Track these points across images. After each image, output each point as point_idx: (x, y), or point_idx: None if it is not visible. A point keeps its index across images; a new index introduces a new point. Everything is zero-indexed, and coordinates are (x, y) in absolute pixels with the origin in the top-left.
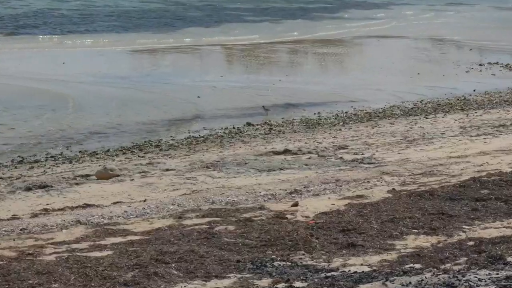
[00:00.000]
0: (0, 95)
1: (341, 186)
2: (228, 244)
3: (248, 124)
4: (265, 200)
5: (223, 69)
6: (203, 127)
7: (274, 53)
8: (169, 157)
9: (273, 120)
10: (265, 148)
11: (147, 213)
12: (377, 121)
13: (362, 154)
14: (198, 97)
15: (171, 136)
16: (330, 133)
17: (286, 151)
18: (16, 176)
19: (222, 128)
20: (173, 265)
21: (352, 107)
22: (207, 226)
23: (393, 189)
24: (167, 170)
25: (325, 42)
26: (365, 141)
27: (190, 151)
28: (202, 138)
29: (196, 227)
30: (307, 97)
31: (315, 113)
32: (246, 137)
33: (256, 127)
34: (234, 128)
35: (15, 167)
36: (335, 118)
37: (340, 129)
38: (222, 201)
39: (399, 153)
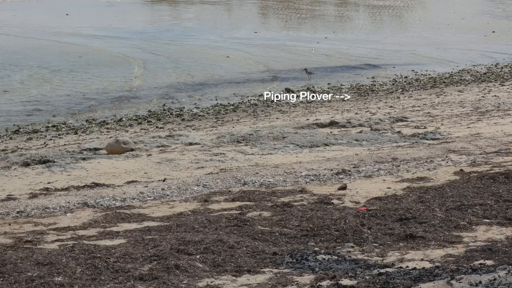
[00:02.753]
0: None
1: (398, 166)
2: (263, 234)
3: (287, 90)
4: (306, 182)
5: (258, 24)
6: (233, 93)
7: (318, 5)
8: (193, 129)
9: (317, 86)
10: (307, 119)
11: (167, 195)
12: (443, 88)
13: (425, 128)
14: (227, 57)
15: (195, 104)
16: (386, 102)
17: (332, 124)
18: (11, 149)
19: (255, 94)
20: (198, 256)
21: (413, 70)
22: (238, 212)
23: (461, 170)
24: (190, 144)
25: None
26: (428, 112)
27: (218, 121)
28: (232, 107)
29: (225, 212)
30: (358, 58)
31: (368, 78)
32: (284, 106)
33: (297, 94)
34: (270, 94)
35: (10, 138)
36: (392, 84)
37: (398, 98)
38: (255, 182)
39: (468, 127)
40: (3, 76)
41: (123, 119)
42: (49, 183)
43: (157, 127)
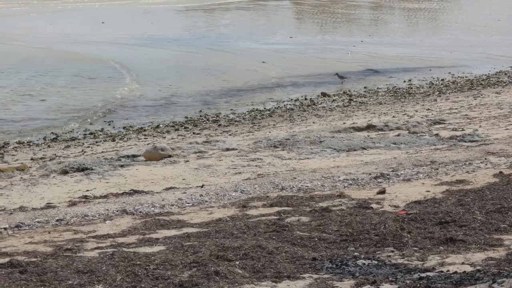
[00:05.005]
0: (28, 60)
1: (437, 169)
2: (302, 239)
3: (323, 94)
4: (344, 186)
5: (293, 29)
6: (269, 98)
7: (353, 8)
8: (230, 134)
9: (353, 90)
10: (344, 123)
11: (205, 201)
12: (480, 90)
13: (462, 130)
14: (263, 62)
15: (231, 109)
16: (423, 105)
17: (369, 127)
18: (49, 157)
19: (291, 99)
20: (237, 263)
21: (449, 73)
22: (276, 217)
23: (501, 172)
24: (227, 149)
25: None
26: (465, 115)
27: (254, 127)
28: (268, 112)
29: (263, 218)
30: (394, 61)
31: (404, 81)
32: (320, 110)
33: (333, 98)
34: (306, 99)
35: (48, 146)
36: (429, 87)
37: (435, 100)
38: (293, 187)
39: (507, 129)
40: (40, 85)
41: (160, 125)
42: (87, 190)
43: (194, 133)
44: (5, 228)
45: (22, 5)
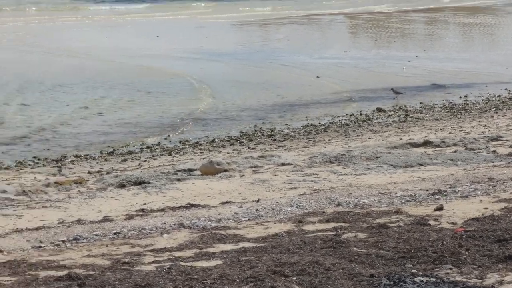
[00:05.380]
0: (81, 75)
1: (495, 186)
2: (359, 255)
3: (379, 109)
4: (402, 203)
5: (347, 43)
6: (324, 114)
7: (408, 23)
8: (285, 149)
9: (409, 105)
10: (400, 139)
11: (261, 216)
12: None
13: None
14: (317, 77)
15: (286, 124)
16: (479, 122)
17: (426, 143)
18: (106, 170)
19: (346, 114)
20: (294, 278)
21: (506, 89)
22: (333, 233)
23: None
24: (282, 164)
25: (471, 10)
26: None
27: (309, 142)
28: (323, 127)
29: (320, 233)
30: (450, 77)
31: (460, 97)
32: (376, 126)
33: (388, 114)
34: (361, 114)
35: (105, 160)
36: (486, 103)
37: (491, 116)
38: (349, 202)
39: None
40: (96, 98)
41: (216, 140)
42: (145, 204)
43: (249, 147)
44: (63, 241)
45: (75, 19)
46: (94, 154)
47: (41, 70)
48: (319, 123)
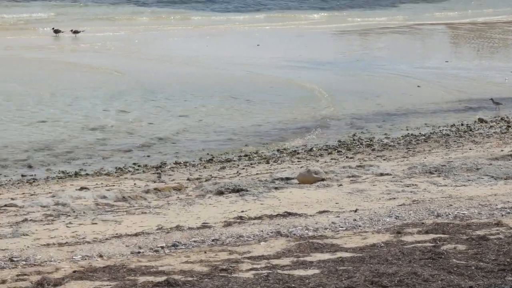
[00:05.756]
0: (183, 83)
1: None
2: (458, 267)
3: (480, 120)
4: (502, 215)
5: (449, 53)
6: (425, 124)
7: (511, 34)
8: (384, 159)
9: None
10: (502, 150)
11: (359, 226)
12: None
13: None
14: (418, 86)
15: (385, 134)
16: None
17: None
18: (205, 177)
19: (447, 125)
20: None
21: None
22: (432, 244)
23: None
24: (381, 174)
25: None
26: None
27: (409, 152)
28: (424, 137)
29: (419, 244)
30: None
31: None
32: (477, 136)
33: (490, 124)
34: (462, 125)
35: (204, 167)
36: None
37: None
38: (449, 214)
39: None
40: (196, 106)
41: (313, 149)
42: (242, 211)
43: (347, 157)
44: (162, 247)
45: (180, 27)
46: (194, 161)
47: (141, 77)
48: (419, 133)
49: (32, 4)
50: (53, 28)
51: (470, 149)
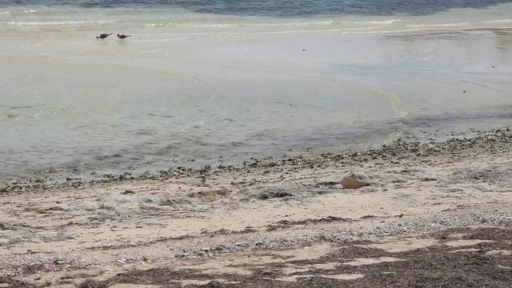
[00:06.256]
0: (228, 88)
1: None
2: (503, 273)
3: None
4: None
5: (496, 58)
6: (470, 129)
7: None
8: (429, 164)
9: None
10: None
11: (404, 231)
12: None
13: None
14: (464, 91)
15: (430, 139)
16: None
17: None
18: (249, 182)
19: (493, 130)
20: None
21: None
22: (477, 250)
23: None
24: (426, 179)
25: None
26: None
27: (454, 157)
28: (469, 142)
29: (463, 250)
30: None
31: None
32: None
33: None
34: (508, 130)
35: (248, 171)
36: None
37: None
38: (494, 219)
39: None
40: (241, 112)
41: (358, 153)
42: (286, 216)
43: (392, 162)
44: (206, 251)
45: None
46: (238, 165)
47: (182, 83)
48: (465, 138)
49: (92, 11)
50: (97, 36)
51: None
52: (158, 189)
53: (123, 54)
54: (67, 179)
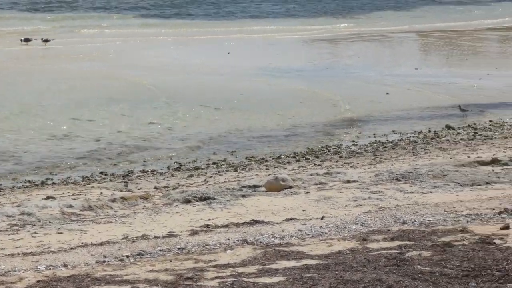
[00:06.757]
0: (152, 91)
1: None
2: (423, 273)
3: (448, 127)
4: (468, 221)
5: (418, 60)
6: (392, 131)
7: (481, 41)
8: (351, 166)
9: (478, 123)
10: (468, 157)
11: (325, 233)
12: None
13: None
14: (387, 94)
15: (353, 141)
16: None
17: (494, 161)
18: (173, 186)
19: (415, 131)
20: None
21: None
22: (397, 251)
23: None
24: (348, 181)
25: None
26: None
27: (376, 159)
28: (391, 144)
29: (384, 251)
30: None
31: None
32: (444, 143)
33: (457, 131)
34: (430, 131)
35: (172, 175)
36: None
37: None
38: (415, 221)
39: None
40: (165, 115)
41: (282, 156)
42: (209, 220)
43: (314, 164)
44: (127, 256)
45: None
46: (161, 169)
47: (108, 85)
48: (387, 140)
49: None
50: (21, 40)
51: (437, 156)
52: (80, 194)
53: (47, 59)
54: None
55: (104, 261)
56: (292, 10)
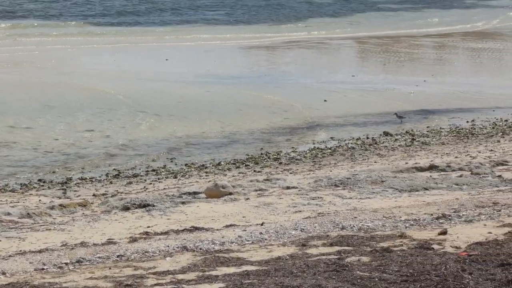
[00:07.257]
0: (90, 98)
1: (499, 210)
2: (362, 279)
3: (386, 133)
4: (406, 227)
5: (355, 67)
6: (331, 137)
7: (417, 48)
8: (290, 173)
9: (416, 129)
10: (406, 163)
11: (265, 239)
12: None
13: None
14: (325, 101)
15: (292, 148)
16: (486, 146)
17: (432, 167)
18: (111, 193)
19: (353, 138)
20: None
21: None
22: (336, 257)
23: None
24: (287, 188)
25: (480, 36)
26: None
27: (315, 165)
28: (329, 150)
29: (323, 257)
30: (457, 101)
31: (467, 121)
32: (382, 150)
33: (395, 138)
34: (368, 138)
35: (111, 182)
36: (493, 128)
37: (498, 141)
38: (353, 226)
39: None
40: (103, 122)
41: (222, 163)
42: (148, 227)
43: (254, 170)
44: (66, 263)
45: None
46: (100, 176)
47: (46, 92)
48: (326, 147)
49: None
50: None
51: (375, 162)
52: (18, 201)
53: None
54: None
55: (43, 269)
56: (231, 17)
